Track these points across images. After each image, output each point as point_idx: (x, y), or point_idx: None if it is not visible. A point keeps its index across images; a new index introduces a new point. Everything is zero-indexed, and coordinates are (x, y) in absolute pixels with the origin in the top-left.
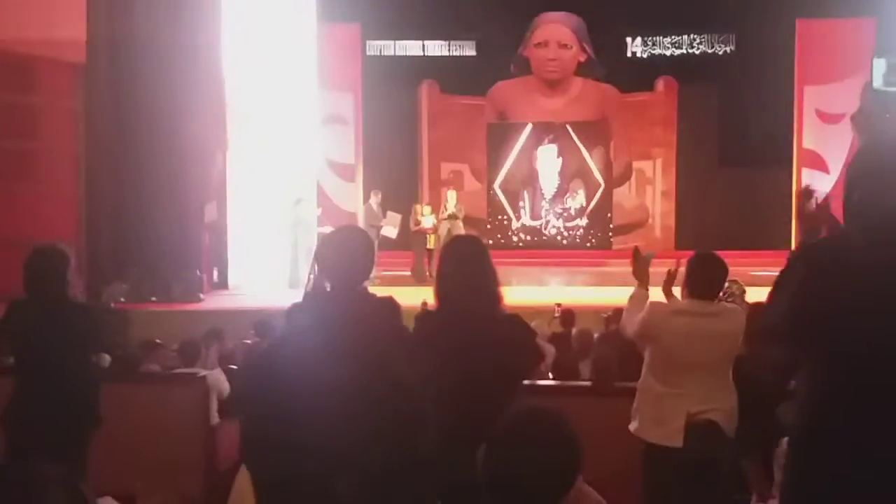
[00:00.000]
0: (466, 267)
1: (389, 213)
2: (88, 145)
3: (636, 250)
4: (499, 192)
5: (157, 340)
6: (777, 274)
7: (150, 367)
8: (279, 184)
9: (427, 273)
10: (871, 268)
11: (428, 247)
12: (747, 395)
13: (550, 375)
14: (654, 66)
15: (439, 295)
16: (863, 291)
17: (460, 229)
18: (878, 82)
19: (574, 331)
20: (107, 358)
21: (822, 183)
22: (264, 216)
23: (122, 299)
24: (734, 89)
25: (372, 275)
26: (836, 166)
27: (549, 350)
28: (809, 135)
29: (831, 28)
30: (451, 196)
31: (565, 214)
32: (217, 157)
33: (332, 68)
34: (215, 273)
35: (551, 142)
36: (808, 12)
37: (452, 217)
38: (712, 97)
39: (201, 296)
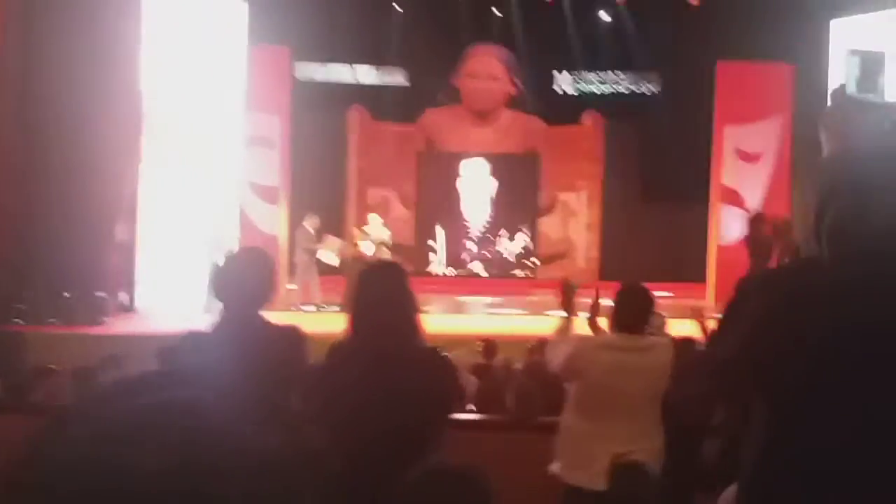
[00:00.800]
0: (382, 294)
1: (329, 238)
2: None
3: (564, 281)
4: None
5: (52, 366)
6: (725, 305)
7: (40, 396)
8: (197, 204)
9: None
10: (853, 298)
11: None
12: (672, 431)
13: (474, 408)
14: (582, 102)
15: (352, 323)
16: (841, 325)
17: (386, 255)
18: (850, 87)
19: (497, 359)
20: None
21: (739, 220)
22: (179, 237)
23: (20, 321)
24: (658, 126)
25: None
26: (753, 203)
27: (472, 381)
28: (728, 172)
29: (751, 70)
30: (372, 220)
31: (497, 262)
32: (130, 174)
33: (259, 90)
34: (123, 296)
35: (478, 174)
36: (728, 54)
37: (382, 244)
38: (637, 133)
39: (104, 319)
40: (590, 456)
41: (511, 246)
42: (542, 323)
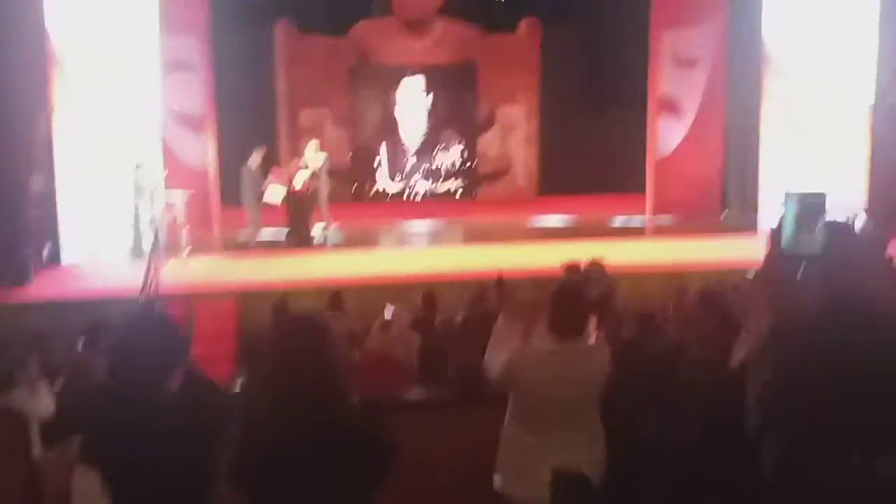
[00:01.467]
0: (300, 367)
1: (272, 185)
2: None
3: (499, 279)
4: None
5: None
6: None
7: None
8: (117, 143)
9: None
10: None
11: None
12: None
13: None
14: (518, 6)
15: (268, 389)
16: None
17: (324, 184)
18: (787, 231)
19: (437, 320)
20: None
21: (676, 128)
22: (101, 182)
23: None
24: (595, 32)
25: None
26: (691, 111)
27: (414, 338)
28: (665, 79)
29: None
30: (311, 147)
31: (435, 173)
32: (41, 120)
33: (174, 9)
34: (46, 249)
35: (414, 87)
36: None
37: (313, 175)
38: (575, 40)
39: (30, 276)
40: (532, 468)
41: (446, 158)
42: (480, 257)
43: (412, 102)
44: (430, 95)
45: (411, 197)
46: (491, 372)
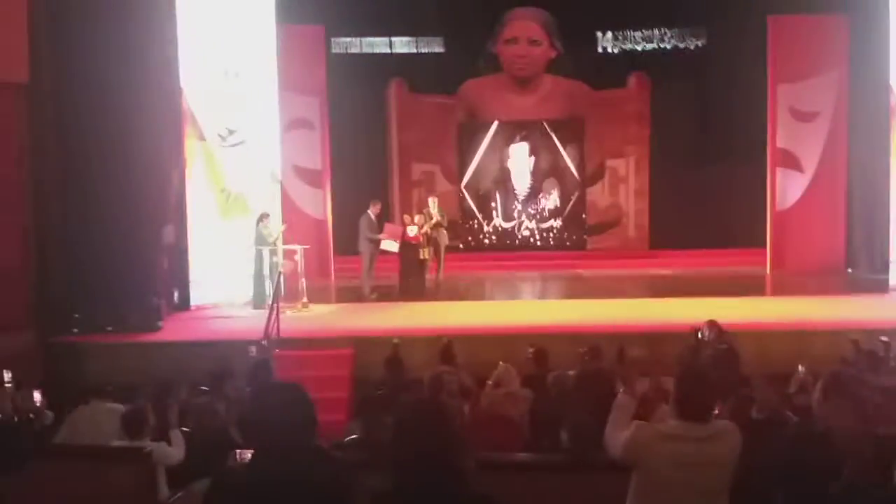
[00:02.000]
0: (425, 445)
1: (388, 225)
2: (34, 169)
3: (621, 351)
4: (467, 193)
5: (109, 388)
6: None
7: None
8: (242, 194)
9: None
10: None
11: (421, 258)
12: None
13: (527, 428)
14: (626, 62)
15: (395, 469)
16: None
17: (444, 237)
18: None
19: (550, 377)
20: None
21: (796, 181)
22: (227, 233)
23: (76, 330)
24: (707, 86)
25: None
26: (810, 165)
27: (524, 395)
28: (783, 132)
29: (803, 25)
30: (432, 203)
31: (538, 216)
32: (174, 175)
33: (295, 72)
34: (176, 295)
35: (523, 139)
36: (779, 8)
37: (437, 225)
38: (685, 94)
39: (159, 323)
40: None
41: (549, 203)
42: (590, 310)
43: (522, 156)
44: (540, 148)
45: (520, 232)
46: (612, 449)
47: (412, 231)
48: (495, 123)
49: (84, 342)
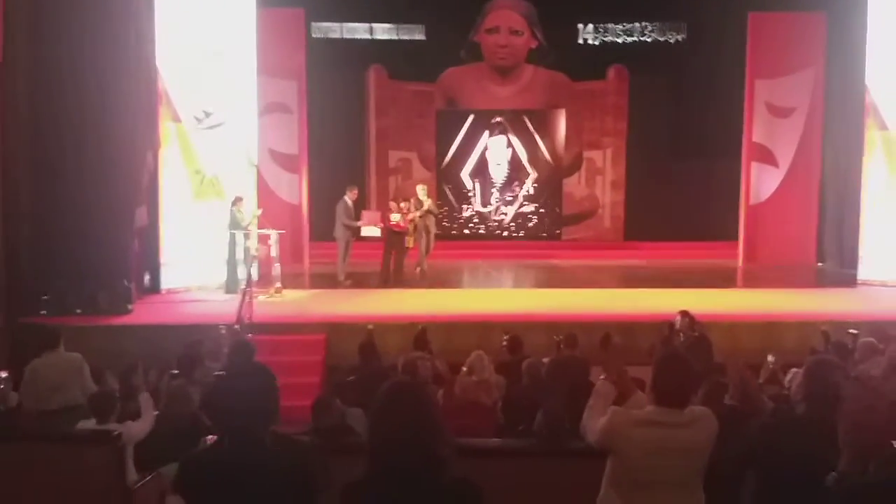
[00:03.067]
0: (405, 431)
1: (365, 212)
2: (4, 148)
3: (606, 336)
4: (444, 181)
5: None
6: None
7: None
8: (215, 179)
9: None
10: None
11: (407, 246)
12: None
13: (500, 415)
14: (606, 54)
15: (371, 455)
16: None
17: (433, 225)
18: None
19: (524, 364)
20: None
21: (771, 176)
22: (200, 216)
23: (44, 312)
24: (685, 79)
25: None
26: (785, 161)
27: (499, 382)
28: (759, 128)
29: (782, 22)
30: (422, 190)
31: (515, 205)
32: (148, 157)
33: (274, 55)
34: (147, 278)
35: (501, 132)
36: (759, 5)
37: (427, 212)
38: (663, 87)
39: (130, 307)
40: None
41: (525, 192)
42: (566, 299)
43: (500, 146)
44: (517, 138)
45: (496, 222)
46: (589, 435)
47: (396, 218)
48: (474, 112)
49: (53, 324)
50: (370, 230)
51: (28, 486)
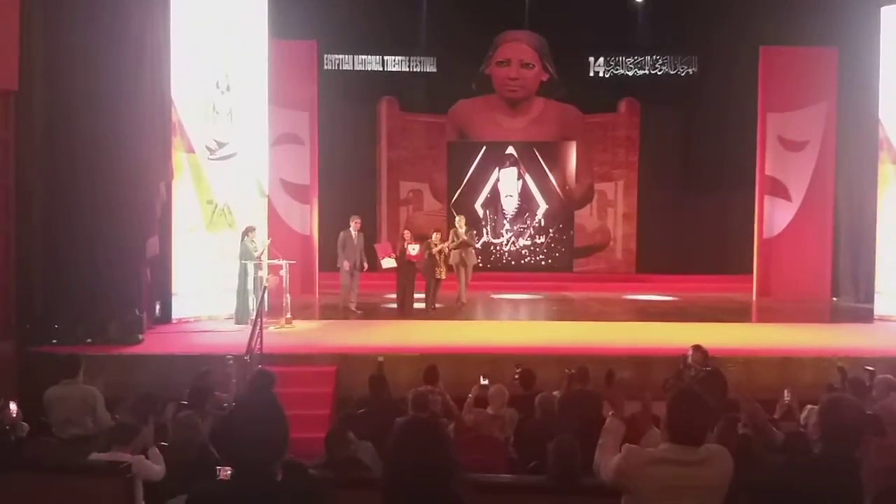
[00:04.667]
0: (420, 463)
1: (377, 246)
2: (19, 177)
3: (610, 374)
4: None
5: None
6: None
7: None
8: (227, 210)
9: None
10: None
11: (438, 277)
12: None
13: (512, 449)
14: (617, 87)
15: (386, 491)
16: None
17: (472, 257)
18: None
19: (537, 398)
20: None
21: (784, 210)
22: (212, 246)
23: (55, 341)
24: (697, 113)
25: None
26: (798, 194)
27: (511, 415)
28: (772, 161)
29: (794, 56)
30: (459, 221)
31: (527, 238)
32: (161, 187)
33: (286, 86)
34: (157, 307)
35: (512, 164)
36: (771, 39)
37: (465, 244)
38: (675, 120)
39: (140, 336)
40: None
41: (537, 224)
42: (577, 333)
43: (511, 178)
44: (528, 171)
45: (508, 253)
46: (603, 473)
47: (413, 250)
48: (485, 144)
49: (73, 353)
50: (386, 262)
51: None
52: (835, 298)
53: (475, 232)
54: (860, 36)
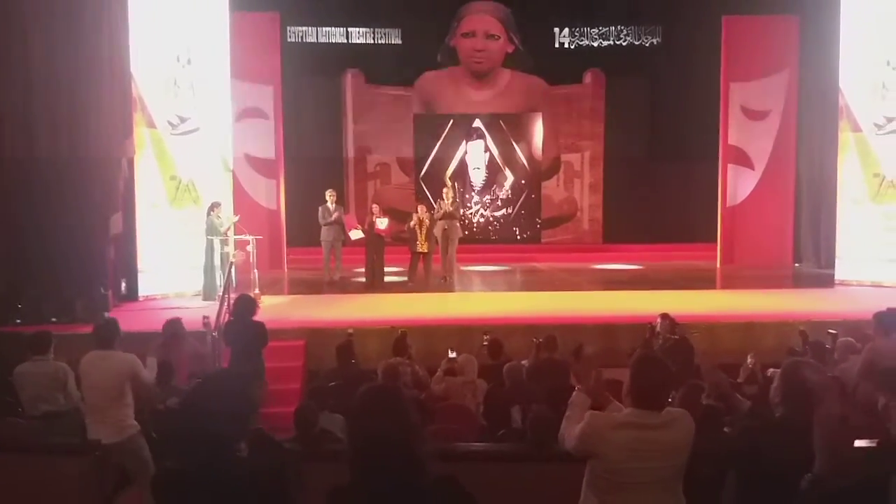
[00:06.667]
0: (381, 429)
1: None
2: None
3: (578, 348)
4: (425, 185)
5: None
6: None
7: None
8: (192, 186)
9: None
10: None
11: (419, 251)
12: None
13: (481, 417)
14: (582, 58)
15: (352, 459)
16: None
17: (457, 229)
18: None
19: (505, 367)
20: None
21: (747, 178)
22: (177, 222)
23: (19, 321)
24: (661, 83)
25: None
26: (761, 163)
27: (481, 386)
28: (735, 130)
29: (756, 25)
30: (447, 192)
31: (494, 209)
32: (123, 163)
33: (249, 60)
34: (123, 285)
35: (479, 137)
36: (733, 9)
37: (449, 216)
38: (640, 90)
39: (107, 314)
40: None
41: (504, 196)
42: (546, 303)
43: (478, 150)
44: (496, 142)
45: (475, 225)
46: (567, 441)
47: (382, 224)
48: (452, 117)
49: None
50: (354, 233)
51: (7, 497)
52: (797, 264)
53: (459, 202)
54: (820, 4)
